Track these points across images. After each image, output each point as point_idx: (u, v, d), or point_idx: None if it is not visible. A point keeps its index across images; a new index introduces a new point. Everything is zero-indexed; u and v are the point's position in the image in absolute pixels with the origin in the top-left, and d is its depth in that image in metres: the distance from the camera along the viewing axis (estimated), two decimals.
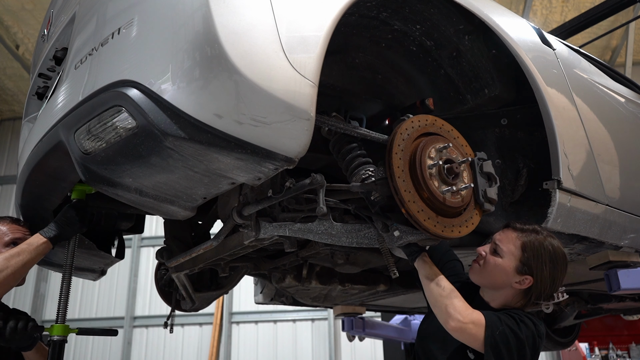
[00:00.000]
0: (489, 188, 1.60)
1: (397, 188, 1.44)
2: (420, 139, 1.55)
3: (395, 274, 1.71)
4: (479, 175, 1.59)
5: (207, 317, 8.51)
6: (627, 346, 6.90)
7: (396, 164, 1.46)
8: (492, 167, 1.62)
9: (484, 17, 1.68)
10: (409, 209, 1.44)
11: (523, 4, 7.92)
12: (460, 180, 1.54)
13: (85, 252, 1.97)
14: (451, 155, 1.54)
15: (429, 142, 1.53)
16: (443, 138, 1.59)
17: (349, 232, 1.62)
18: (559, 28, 4.57)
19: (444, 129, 1.63)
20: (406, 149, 1.50)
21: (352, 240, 1.62)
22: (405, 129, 1.53)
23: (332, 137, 1.67)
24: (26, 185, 1.68)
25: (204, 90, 1.12)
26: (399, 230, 1.52)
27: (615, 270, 2.22)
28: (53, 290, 9.28)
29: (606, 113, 2.22)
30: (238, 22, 1.17)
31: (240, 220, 1.59)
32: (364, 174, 1.55)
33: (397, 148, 1.49)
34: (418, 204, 1.46)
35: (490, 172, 1.61)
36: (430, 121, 1.60)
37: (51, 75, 1.82)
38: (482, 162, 1.61)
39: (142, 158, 1.22)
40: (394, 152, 1.47)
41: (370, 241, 1.62)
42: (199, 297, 2.36)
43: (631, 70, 8.49)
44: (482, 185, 1.59)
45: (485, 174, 1.61)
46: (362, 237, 1.62)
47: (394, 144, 1.49)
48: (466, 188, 1.52)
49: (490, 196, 1.58)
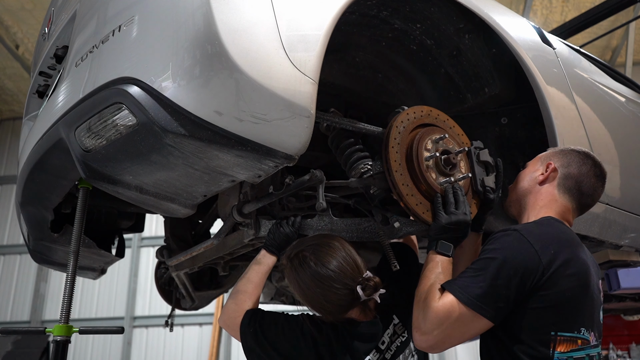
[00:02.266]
0: (487, 177, 1.59)
1: (395, 182, 1.45)
2: (417, 131, 1.55)
3: (396, 266, 1.71)
4: (476, 165, 1.59)
5: (207, 317, 8.51)
6: (628, 346, 6.91)
7: (393, 158, 1.46)
8: (489, 155, 1.62)
9: (484, 16, 1.68)
10: (407, 203, 1.45)
11: (523, 3, 7.92)
12: (458, 171, 1.54)
13: (86, 251, 1.97)
14: (448, 146, 1.54)
15: (425, 134, 1.53)
16: (439, 129, 1.59)
17: (349, 227, 1.62)
18: (559, 28, 4.58)
19: (440, 119, 1.63)
20: (402, 142, 1.50)
21: (352, 234, 1.62)
22: (401, 121, 1.53)
23: (331, 133, 1.68)
24: (26, 183, 1.68)
25: (205, 88, 1.12)
26: (399, 222, 1.52)
27: (615, 269, 2.23)
28: (53, 290, 9.28)
29: (606, 112, 2.22)
30: (239, 20, 1.17)
31: (240, 218, 1.60)
32: (363, 168, 1.55)
33: (394, 142, 1.48)
34: (416, 196, 1.46)
35: (487, 160, 1.60)
36: (425, 112, 1.60)
37: (52, 73, 1.82)
38: (479, 150, 1.61)
39: (143, 155, 1.22)
40: (390, 146, 1.47)
41: (370, 235, 1.62)
42: (198, 295, 2.37)
43: (631, 70, 8.49)
44: (480, 174, 1.59)
45: (482, 163, 1.60)
46: (363, 231, 1.62)
47: (390, 138, 1.48)
48: (464, 178, 1.53)
49: (488, 185, 1.58)
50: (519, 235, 1.29)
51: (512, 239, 1.29)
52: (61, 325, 1.66)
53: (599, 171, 1.51)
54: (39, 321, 9.08)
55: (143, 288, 9.00)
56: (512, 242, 1.29)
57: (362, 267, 1.46)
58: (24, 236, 2.02)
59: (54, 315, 9.12)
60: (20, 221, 1.94)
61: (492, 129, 1.97)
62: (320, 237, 1.50)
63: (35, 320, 9.06)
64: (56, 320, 2.48)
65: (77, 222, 1.75)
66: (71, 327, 1.68)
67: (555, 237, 1.33)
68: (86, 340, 8.80)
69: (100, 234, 2.08)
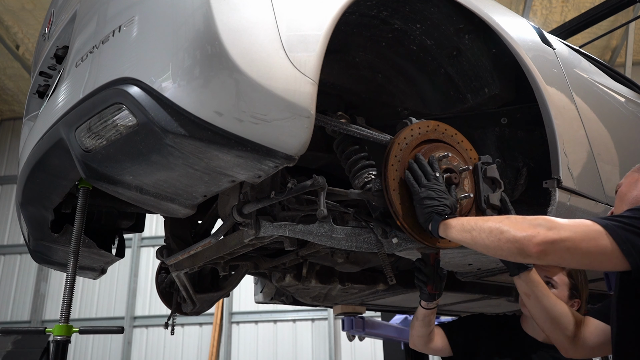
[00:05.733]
0: (492, 194, 1.54)
1: (392, 201, 1.41)
2: (421, 147, 1.50)
3: (392, 280, 1.70)
4: (482, 181, 1.54)
5: (207, 317, 8.51)
6: None
7: (391, 176, 1.43)
8: (496, 171, 1.56)
9: (484, 16, 1.68)
10: (403, 223, 1.41)
11: (523, 4, 7.93)
12: (461, 189, 1.49)
13: (86, 251, 1.97)
14: (452, 164, 1.49)
15: (427, 152, 1.48)
16: (444, 145, 1.54)
17: (349, 236, 1.60)
18: (559, 28, 4.58)
19: (447, 134, 1.57)
20: (403, 160, 1.46)
21: (351, 244, 1.60)
22: (403, 137, 1.48)
23: (337, 137, 1.66)
24: (27, 183, 1.69)
25: (205, 88, 1.13)
26: (398, 238, 1.50)
27: None
28: (53, 290, 9.29)
29: (606, 112, 2.22)
30: (238, 20, 1.17)
31: (240, 219, 1.60)
32: (367, 177, 1.53)
33: (394, 159, 1.45)
34: (413, 217, 1.43)
35: (494, 176, 1.55)
36: (432, 127, 1.54)
37: (52, 73, 1.83)
38: (486, 166, 1.55)
39: (143, 155, 1.22)
40: (389, 164, 1.44)
41: (369, 246, 1.60)
42: (199, 298, 2.36)
43: (631, 70, 8.50)
44: (485, 191, 1.53)
45: (489, 179, 1.55)
46: (362, 241, 1.60)
47: (391, 155, 1.45)
48: (466, 197, 1.48)
49: (493, 202, 1.53)
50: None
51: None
52: (61, 325, 1.66)
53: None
54: (39, 321, 9.09)
55: (143, 288, 9.01)
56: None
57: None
58: (24, 236, 2.02)
59: (54, 315, 9.13)
60: (21, 221, 1.95)
61: (492, 129, 1.97)
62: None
63: (35, 320, 9.07)
64: (56, 320, 2.48)
65: (77, 222, 1.75)
66: (71, 327, 1.68)
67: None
68: (86, 340, 8.81)
69: (100, 234, 2.09)
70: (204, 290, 2.40)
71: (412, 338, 1.94)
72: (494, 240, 1.19)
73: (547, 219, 1.16)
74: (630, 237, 1.12)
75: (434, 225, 1.35)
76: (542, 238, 1.12)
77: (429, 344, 1.93)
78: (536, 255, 1.13)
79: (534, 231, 1.13)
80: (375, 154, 1.61)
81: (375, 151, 1.62)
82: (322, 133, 1.69)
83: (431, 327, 1.90)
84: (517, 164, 1.93)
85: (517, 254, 1.16)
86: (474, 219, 1.29)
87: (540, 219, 1.16)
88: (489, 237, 1.20)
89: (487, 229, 1.21)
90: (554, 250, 1.12)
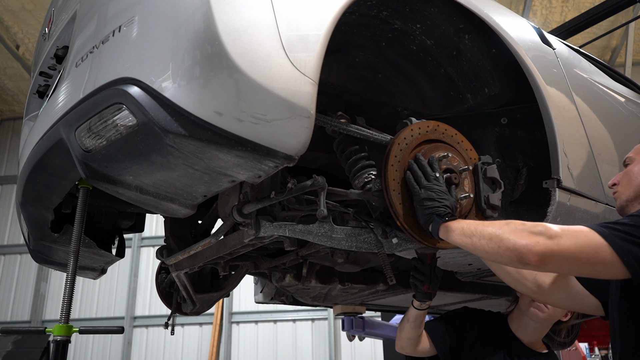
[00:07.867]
0: (492, 194, 1.54)
1: (392, 201, 1.42)
2: (421, 147, 1.50)
3: (392, 280, 1.70)
4: (482, 182, 1.54)
5: (207, 317, 8.51)
6: None
7: (391, 177, 1.43)
8: (496, 171, 1.56)
9: (484, 17, 1.68)
10: (402, 223, 1.42)
11: (523, 4, 7.93)
12: (460, 189, 1.49)
13: (86, 251, 1.97)
14: (452, 164, 1.49)
15: (427, 152, 1.49)
16: (444, 145, 1.54)
17: (349, 236, 1.61)
18: (559, 28, 4.57)
19: (447, 134, 1.57)
20: (403, 160, 1.46)
21: (351, 244, 1.60)
22: (403, 138, 1.48)
23: (337, 137, 1.67)
24: (27, 183, 1.69)
25: (205, 88, 1.13)
26: (398, 238, 1.50)
27: None
28: (53, 290, 9.30)
29: (606, 112, 2.22)
30: (238, 20, 1.17)
31: (240, 219, 1.60)
32: (367, 177, 1.53)
33: (394, 160, 1.45)
34: (413, 217, 1.43)
35: (494, 177, 1.55)
36: (432, 127, 1.55)
37: (52, 73, 1.83)
38: (486, 167, 1.56)
39: (143, 155, 1.22)
40: (389, 164, 1.44)
41: (369, 246, 1.60)
42: (200, 298, 2.36)
43: (631, 70, 8.51)
44: (485, 192, 1.54)
45: (489, 179, 1.55)
46: (362, 241, 1.60)
47: (390, 156, 1.45)
48: (466, 198, 1.48)
49: (493, 202, 1.53)
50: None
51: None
52: (61, 325, 1.66)
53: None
54: (39, 321, 9.10)
55: (143, 288, 9.01)
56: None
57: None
58: (24, 236, 2.02)
59: (54, 315, 9.14)
60: (21, 221, 1.95)
61: (492, 129, 1.97)
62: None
63: (35, 320, 9.07)
64: (56, 320, 2.48)
65: (77, 222, 1.75)
66: (71, 327, 1.68)
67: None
68: (86, 340, 8.81)
69: (100, 234, 2.09)
70: (204, 290, 2.40)
71: (401, 341, 1.92)
72: (493, 247, 1.20)
73: (547, 226, 1.16)
74: (631, 248, 1.14)
75: (434, 227, 1.35)
76: (542, 248, 1.13)
77: (417, 347, 1.92)
78: (536, 264, 1.14)
79: (534, 240, 1.14)
80: (375, 154, 1.61)
81: (375, 151, 1.62)
82: (322, 133, 1.69)
83: (421, 329, 1.89)
84: (517, 164, 1.93)
85: (517, 262, 1.17)
86: (474, 223, 1.29)
87: (541, 227, 1.16)
88: (489, 243, 1.21)
89: (487, 235, 1.22)
90: (554, 260, 1.13)
